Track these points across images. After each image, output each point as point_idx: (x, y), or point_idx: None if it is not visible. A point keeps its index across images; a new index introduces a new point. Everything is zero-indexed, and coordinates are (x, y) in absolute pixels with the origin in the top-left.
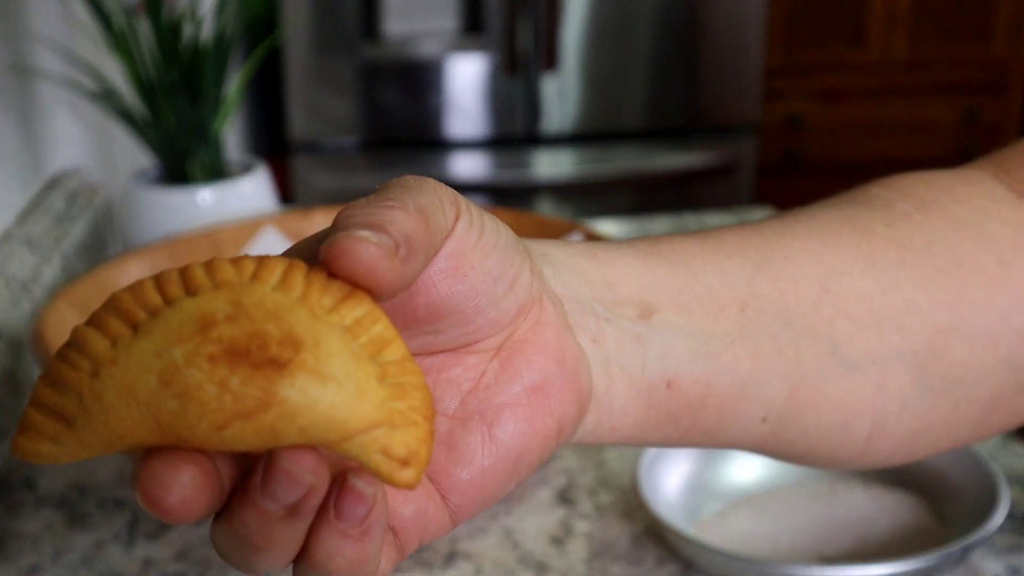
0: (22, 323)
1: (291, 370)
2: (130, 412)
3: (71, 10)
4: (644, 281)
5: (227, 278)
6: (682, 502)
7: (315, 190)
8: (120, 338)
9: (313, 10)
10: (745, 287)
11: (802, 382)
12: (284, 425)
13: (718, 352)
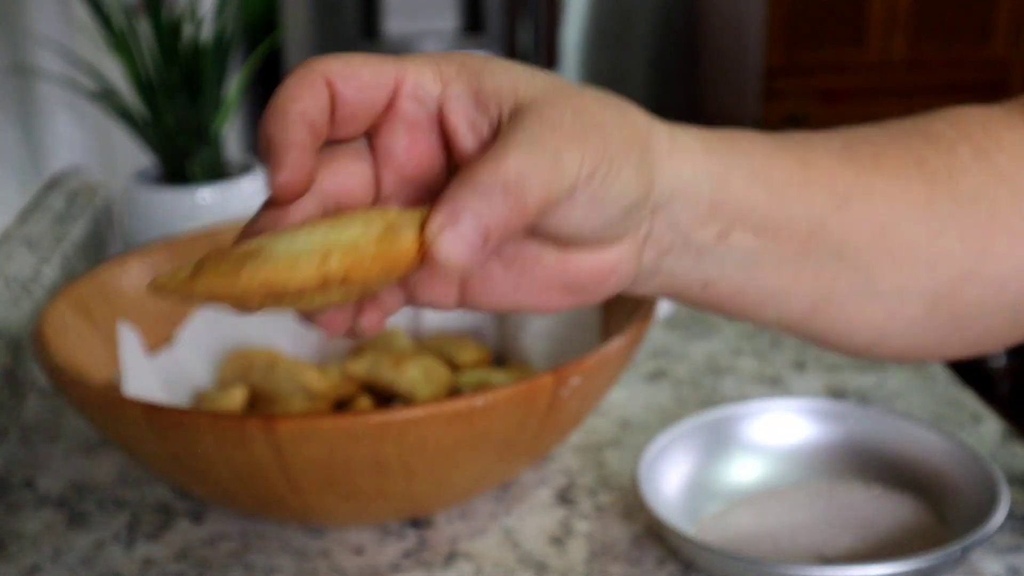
0: (22, 323)
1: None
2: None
3: (71, 10)
4: (742, 208)
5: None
6: (682, 502)
7: None
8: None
9: (313, 10)
10: (818, 222)
11: (825, 301)
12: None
13: (765, 270)
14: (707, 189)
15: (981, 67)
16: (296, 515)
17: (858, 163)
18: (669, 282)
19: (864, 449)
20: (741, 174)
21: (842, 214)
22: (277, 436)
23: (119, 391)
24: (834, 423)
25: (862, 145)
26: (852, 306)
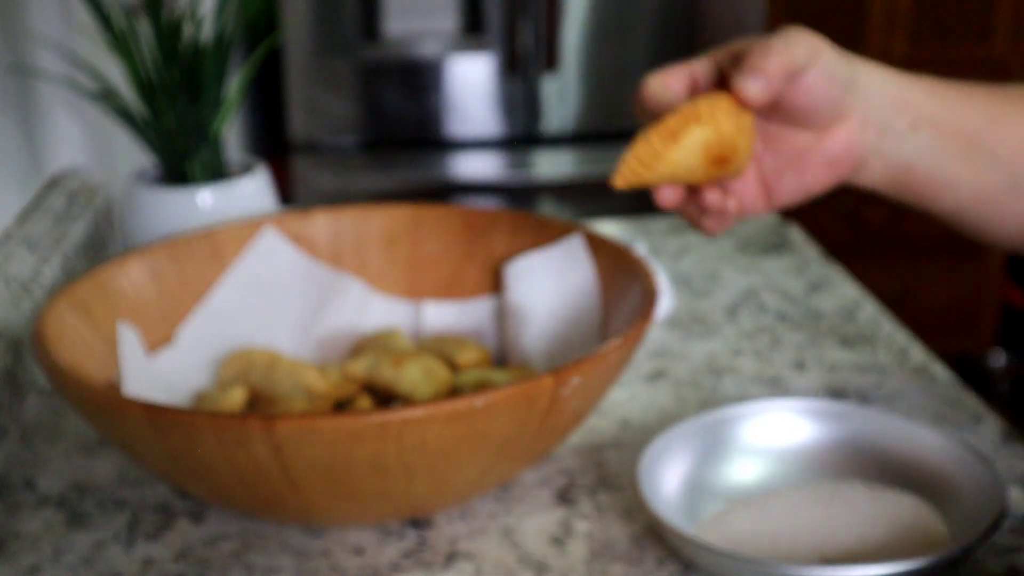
0: (22, 323)
1: (728, 164)
2: (670, 172)
3: (71, 10)
4: (921, 107)
5: (712, 115)
6: (682, 502)
7: (315, 190)
8: (669, 144)
9: (313, 10)
10: (976, 130)
11: (984, 193)
12: (715, 178)
13: (943, 162)
14: (895, 90)
15: (981, 67)
16: (296, 515)
17: (1002, 98)
18: (886, 165)
19: (865, 449)
20: (918, 86)
21: (993, 126)
22: (277, 436)
23: (119, 391)
24: (835, 423)
25: (1004, 92)
26: (1003, 199)
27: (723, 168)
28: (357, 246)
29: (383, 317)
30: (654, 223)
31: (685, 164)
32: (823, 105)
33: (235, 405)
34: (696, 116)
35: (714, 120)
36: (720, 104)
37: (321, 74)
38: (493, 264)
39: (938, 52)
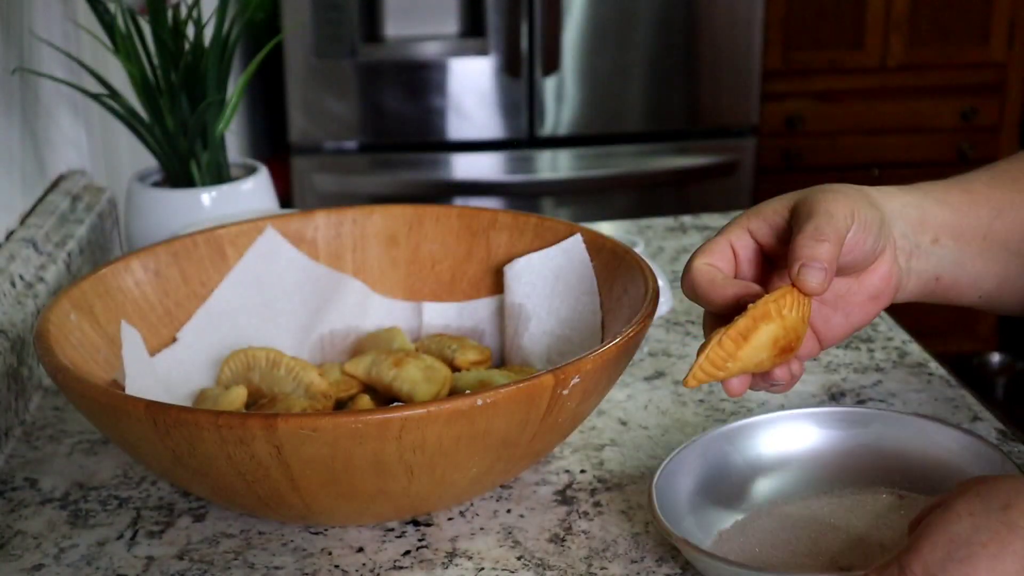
0: (26, 323)
1: (794, 351)
2: (740, 369)
3: (74, 13)
4: (938, 221)
5: (779, 312)
6: (698, 515)
7: (316, 192)
8: (741, 344)
9: (314, 13)
10: (987, 226)
11: (1005, 281)
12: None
13: (966, 261)
14: (914, 212)
15: (978, 70)
16: (297, 514)
17: (1000, 187)
18: (917, 281)
19: (887, 454)
20: (930, 201)
21: (1001, 220)
22: (278, 435)
23: (121, 390)
24: (854, 429)
25: (1000, 178)
26: (1018, 282)
27: (789, 355)
28: (357, 246)
29: (383, 317)
30: (654, 223)
31: (755, 360)
32: (864, 256)
33: (236, 404)
34: (765, 316)
35: (780, 316)
36: (786, 301)
37: (322, 76)
38: (493, 264)
39: (935, 55)
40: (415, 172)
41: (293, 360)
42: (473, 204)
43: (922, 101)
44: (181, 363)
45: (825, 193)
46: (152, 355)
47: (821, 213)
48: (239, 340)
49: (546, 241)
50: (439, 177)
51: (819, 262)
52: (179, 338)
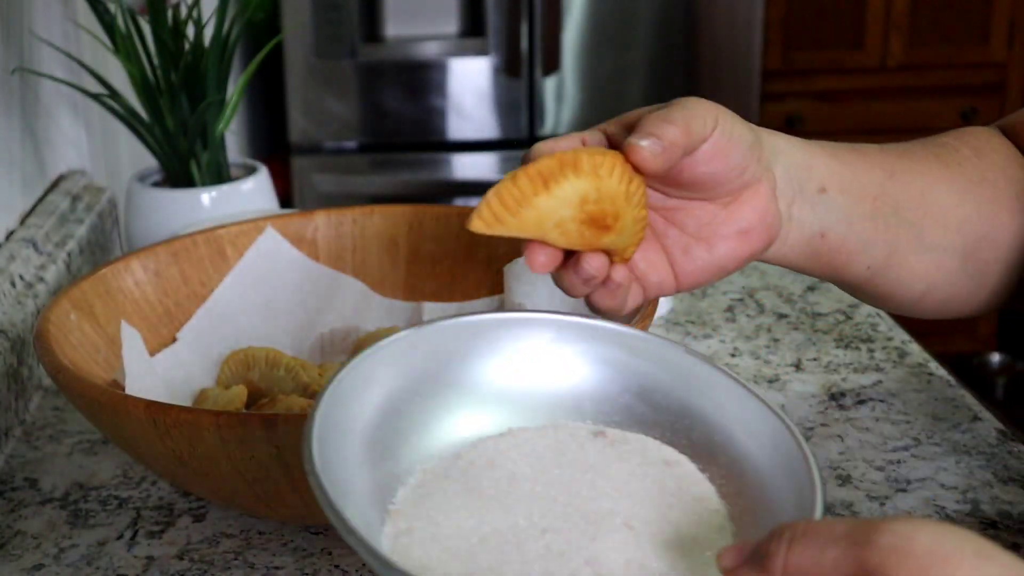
0: (26, 322)
1: (609, 231)
2: (536, 222)
3: (74, 13)
4: (827, 170)
5: (595, 169)
6: (372, 468)
7: (316, 192)
8: (539, 189)
9: (314, 13)
10: (879, 186)
11: (894, 250)
12: (596, 246)
13: (855, 221)
14: (800, 155)
15: (978, 70)
16: (297, 514)
17: (893, 153)
18: (800, 233)
19: (641, 392)
20: (820, 150)
21: (893, 181)
22: (278, 435)
23: (121, 390)
24: (616, 366)
25: (891, 147)
26: (911, 256)
27: (603, 234)
28: (357, 246)
29: (383, 317)
30: None
31: (555, 217)
32: (727, 171)
33: (236, 404)
34: (575, 165)
35: (596, 175)
36: (606, 161)
37: (322, 76)
38: (493, 264)
39: (935, 54)
40: (415, 172)
41: (293, 360)
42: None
43: (922, 101)
44: (181, 363)
45: (699, 101)
46: (152, 355)
47: (677, 106)
48: (239, 340)
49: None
50: (439, 177)
51: (657, 138)
52: (179, 338)
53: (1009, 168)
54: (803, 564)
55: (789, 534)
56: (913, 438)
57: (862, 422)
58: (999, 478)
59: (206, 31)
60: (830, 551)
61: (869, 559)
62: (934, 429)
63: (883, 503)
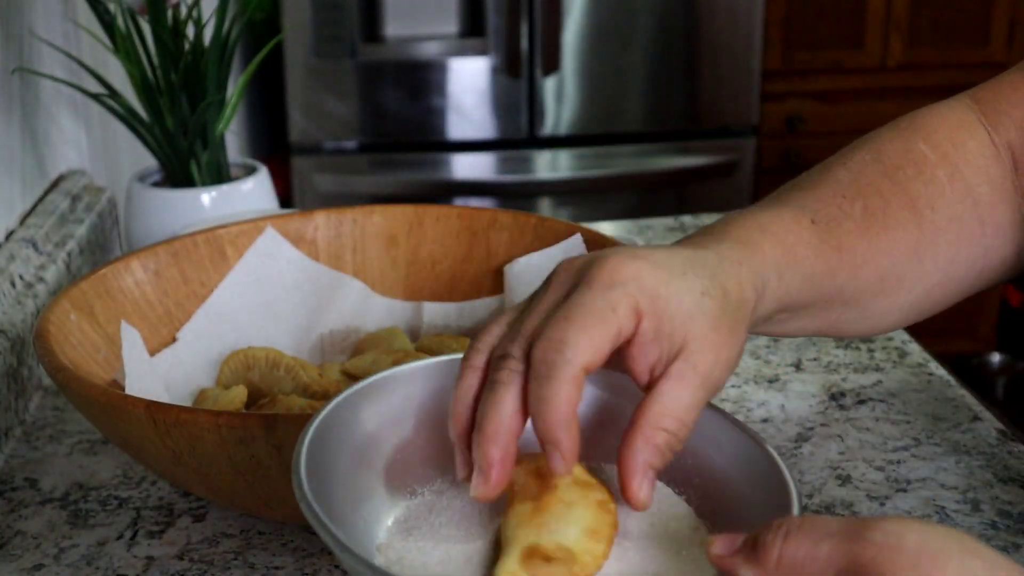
0: (26, 322)
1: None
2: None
3: (74, 12)
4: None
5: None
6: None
7: (315, 192)
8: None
9: (314, 12)
10: (838, 289)
11: (830, 327)
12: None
13: (800, 322)
14: (772, 308)
15: (978, 70)
16: (297, 514)
17: (872, 226)
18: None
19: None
20: (795, 282)
21: (856, 279)
22: (278, 435)
23: (121, 390)
24: (588, 401)
25: (875, 200)
26: (847, 327)
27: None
28: (357, 246)
29: (383, 317)
30: (654, 223)
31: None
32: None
33: (236, 404)
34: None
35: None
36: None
37: (322, 76)
38: (493, 264)
39: (935, 55)
40: (415, 172)
41: (293, 360)
42: (473, 204)
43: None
44: (181, 363)
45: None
46: (152, 355)
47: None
48: (239, 340)
49: (546, 241)
50: (439, 177)
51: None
52: (179, 338)
53: (980, 185)
54: (797, 556)
55: (785, 527)
56: (913, 438)
57: (862, 422)
58: (999, 478)
59: (206, 31)
60: (824, 545)
61: (862, 554)
62: (934, 429)
63: (883, 503)
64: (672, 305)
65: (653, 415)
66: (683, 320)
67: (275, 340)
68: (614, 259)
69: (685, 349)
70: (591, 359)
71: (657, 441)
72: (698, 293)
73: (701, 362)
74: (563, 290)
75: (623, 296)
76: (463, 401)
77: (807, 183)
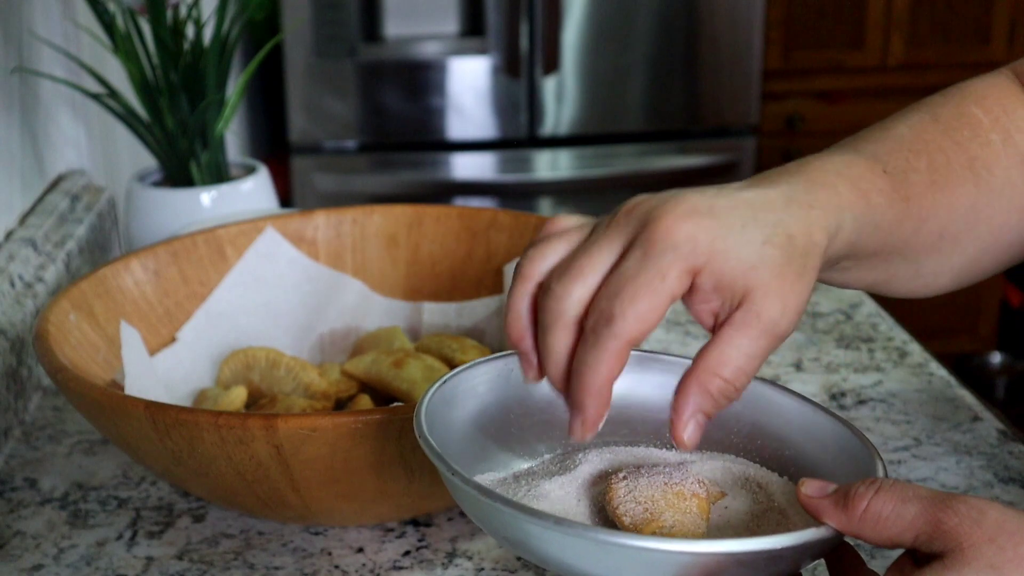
0: (25, 322)
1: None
2: None
3: (74, 12)
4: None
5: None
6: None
7: (315, 192)
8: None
9: (314, 12)
10: (902, 243)
11: (884, 283)
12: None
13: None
14: (841, 253)
15: (978, 69)
16: (297, 514)
17: (936, 180)
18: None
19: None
20: (867, 229)
21: (918, 233)
22: (278, 435)
23: (121, 390)
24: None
25: (939, 156)
26: (899, 285)
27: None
28: (357, 246)
29: (383, 317)
30: None
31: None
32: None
33: (236, 404)
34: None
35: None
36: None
37: (322, 76)
38: (493, 264)
39: (936, 54)
40: (415, 172)
41: (293, 360)
42: (473, 204)
43: None
44: (181, 363)
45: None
46: (152, 355)
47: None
48: (239, 340)
49: None
50: (439, 177)
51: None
52: (179, 338)
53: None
54: (884, 511)
55: (879, 483)
56: (913, 438)
57: (863, 422)
58: (999, 478)
59: (206, 31)
60: (911, 506)
61: (945, 521)
62: (934, 429)
63: None
64: (731, 260)
65: (711, 362)
66: (743, 271)
67: (275, 340)
68: (672, 215)
69: (748, 298)
70: (639, 331)
71: (711, 388)
72: (759, 243)
73: (765, 310)
74: (621, 241)
75: (674, 261)
76: (518, 311)
77: (870, 137)
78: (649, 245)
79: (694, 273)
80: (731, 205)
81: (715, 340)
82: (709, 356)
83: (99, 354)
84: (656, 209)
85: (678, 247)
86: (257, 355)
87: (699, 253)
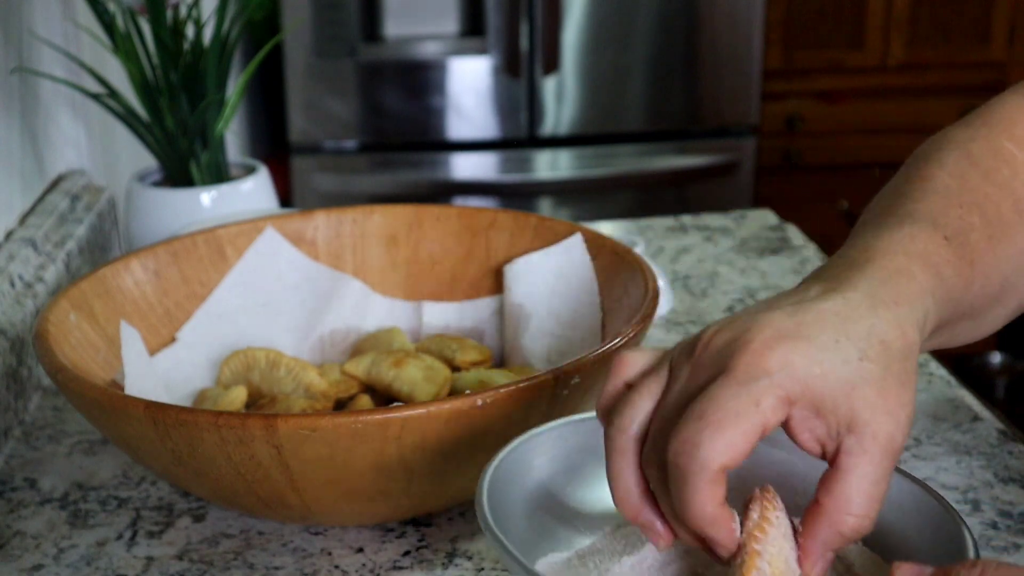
0: (25, 322)
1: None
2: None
3: (74, 12)
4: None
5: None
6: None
7: (315, 191)
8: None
9: (314, 12)
10: (968, 306)
11: (947, 342)
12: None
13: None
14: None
15: (979, 69)
16: (297, 514)
17: (993, 235)
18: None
19: (790, 486)
20: (945, 305)
21: (984, 292)
22: (278, 435)
23: (121, 390)
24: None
25: (989, 207)
26: (960, 338)
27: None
28: (357, 246)
29: (383, 317)
30: (654, 223)
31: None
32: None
33: (236, 404)
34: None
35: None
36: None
37: (322, 76)
38: (493, 264)
39: (936, 54)
40: (415, 172)
41: (293, 360)
42: (473, 204)
43: (922, 101)
44: (181, 363)
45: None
46: (152, 355)
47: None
48: (239, 340)
49: (546, 241)
50: (439, 177)
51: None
52: (179, 338)
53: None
54: None
55: (981, 566)
56: (914, 438)
57: None
58: (999, 478)
59: (206, 31)
60: None
61: None
62: (934, 429)
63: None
64: (830, 382)
65: (840, 500)
66: (846, 393)
67: (275, 340)
68: (759, 341)
69: (857, 421)
70: (728, 460)
71: (843, 529)
72: (855, 360)
73: (879, 430)
74: (705, 374)
75: (769, 388)
76: (627, 487)
77: (915, 193)
78: (738, 372)
79: (789, 403)
80: (818, 321)
81: (836, 473)
82: (836, 493)
83: (99, 354)
84: (740, 338)
85: (772, 374)
86: (257, 355)
87: (795, 378)
